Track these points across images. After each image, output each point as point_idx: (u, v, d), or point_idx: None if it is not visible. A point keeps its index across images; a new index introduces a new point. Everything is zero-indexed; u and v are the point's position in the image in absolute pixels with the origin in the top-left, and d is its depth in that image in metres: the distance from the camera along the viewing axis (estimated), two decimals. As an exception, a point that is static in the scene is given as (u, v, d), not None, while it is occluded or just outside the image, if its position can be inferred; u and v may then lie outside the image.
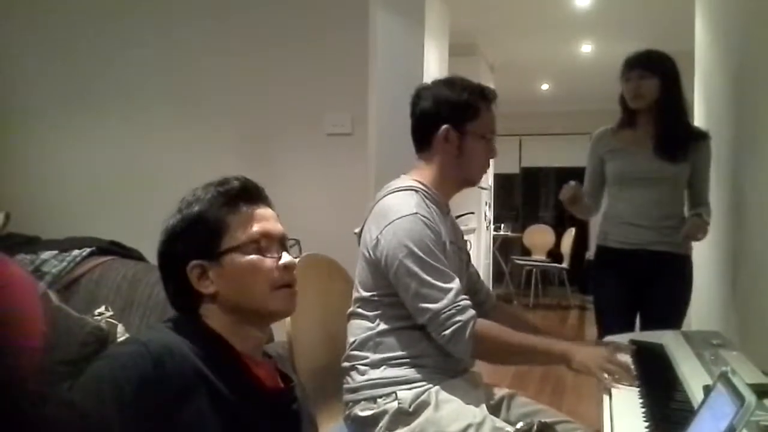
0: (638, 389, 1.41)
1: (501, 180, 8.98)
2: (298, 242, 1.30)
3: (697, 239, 2.55)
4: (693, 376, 1.39)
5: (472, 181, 1.88)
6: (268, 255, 1.21)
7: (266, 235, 1.22)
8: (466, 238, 2.01)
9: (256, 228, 1.21)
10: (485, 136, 1.81)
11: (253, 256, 1.20)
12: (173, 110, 3.34)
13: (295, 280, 1.25)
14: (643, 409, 1.28)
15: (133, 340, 1.12)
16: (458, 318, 1.62)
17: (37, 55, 3.53)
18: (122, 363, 1.05)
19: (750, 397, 0.84)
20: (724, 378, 0.94)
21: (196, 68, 3.31)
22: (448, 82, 1.83)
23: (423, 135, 1.83)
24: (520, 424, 1.24)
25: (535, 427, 1.22)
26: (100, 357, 1.14)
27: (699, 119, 3.70)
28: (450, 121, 1.77)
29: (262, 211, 1.25)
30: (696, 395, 1.26)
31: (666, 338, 1.80)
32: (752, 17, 2.66)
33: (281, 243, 1.25)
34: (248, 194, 1.24)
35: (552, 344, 1.71)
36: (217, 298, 1.19)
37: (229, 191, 1.22)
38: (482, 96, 1.80)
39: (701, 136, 2.62)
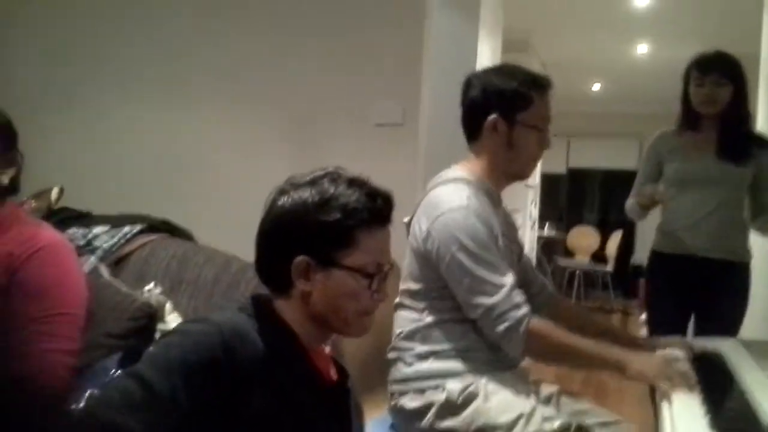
0: (699, 398, 1.36)
1: (547, 180, 8.85)
2: (392, 266, 1.27)
3: None
4: (758, 388, 1.34)
5: (522, 175, 1.81)
6: (372, 285, 1.19)
7: (381, 267, 1.20)
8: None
9: (377, 258, 1.19)
10: (537, 126, 1.72)
11: (360, 283, 1.18)
12: (226, 95, 3.38)
13: (377, 308, 1.23)
14: (706, 420, 1.22)
15: (207, 320, 1.10)
16: (512, 314, 1.58)
17: (89, 30, 3.58)
18: (194, 340, 1.05)
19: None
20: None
21: (248, 53, 3.34)
22: (499, 70, 1.78)
23: (472, 124, 1.77)
24: (557, 423, 1.20)
25: (573, 427, 1.18)
26: (173, 331, 1.14)
27: (763, 126, 3.57)
28: (499, 110, 1.70)
29: (387, 236, 1.23)
30: (762, 407, 1.21)
31: (725, 346, 1.73)
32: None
33: (386, 273, 1.23)
34: (387, 216, 1.22)
35: (607, 351, 1.63)
36: (306, 299, 1.18)
37: (376, 210, 1.19)
38: (534, 84, 1.71)
39: (766, 144, 2.53)
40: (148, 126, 3.50)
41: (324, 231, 1.15)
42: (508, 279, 1.61)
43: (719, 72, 2.45)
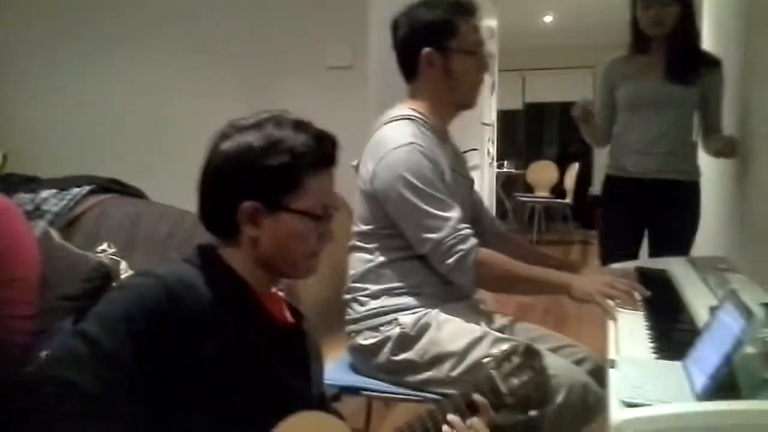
0: (643, 313, 1.41)
1: (504, 117, 8.85)
2: (338, 207, 1.27)
3: (730, 156, 2.52)
4: (698, 300, 1.39)
5: (467, 102, 1.82)
6: (319, 227, 1.19)
7: (327, 209, 1.20)
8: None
9: (324, 200, 1.18)
10: (471, 50, 1.74)
11: (307, 226, 1.17)
12: (169, 44, 3.30)
13: (324, 249, 1.23)
14: (649, 332, 1.27)
15: (149, 273, 1.09)
16: (460, 247, 1.61)
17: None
18: (137, 294, 1.04)
19: (759, 311, 0.83)
20: (733, 295, 0.93)
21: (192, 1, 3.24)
22: (422, 4, 1.77)
23: (408, 63, 1.77)
24: (505, 346, 1.23)
25: (521, 348, 1.21)
26: (116, 288, 1.13)
27: (708, 45, 3.61)
28: (430, 43, 1.71)
29: (332, 178, 1.22)
30: (701, 317, 1.26)
31: (671, 264, 1.79)
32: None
33: (331, 214, 1.22)
34: (333, 158, 1.20)
35: (553, 275, 1.69)
36: (254, 244, 1.16)
37: (323, 153, 1.18)
38: (459, 9, 1.72)
39: (713, 62, 2.57)
40: (91, 83, 3.40)
41: (271, 175, 1.13)
42: (454, 213, 1.64)
43: None
